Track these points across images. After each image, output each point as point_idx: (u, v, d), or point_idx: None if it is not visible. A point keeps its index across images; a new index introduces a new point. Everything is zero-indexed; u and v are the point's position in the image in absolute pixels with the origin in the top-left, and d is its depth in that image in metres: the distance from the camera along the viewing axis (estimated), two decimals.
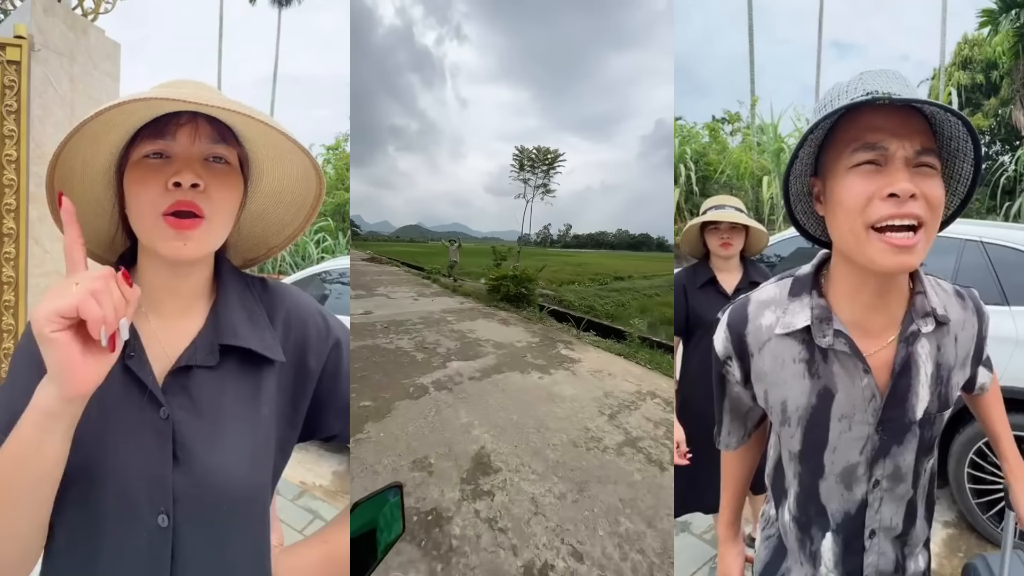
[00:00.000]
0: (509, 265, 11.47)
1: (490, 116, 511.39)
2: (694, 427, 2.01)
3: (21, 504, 0.61)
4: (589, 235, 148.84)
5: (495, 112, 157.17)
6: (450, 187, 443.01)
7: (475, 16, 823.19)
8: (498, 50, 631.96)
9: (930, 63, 41.43)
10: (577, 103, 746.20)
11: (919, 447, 0.85)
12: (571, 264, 25.41)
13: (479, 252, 19.81)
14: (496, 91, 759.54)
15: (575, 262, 28.17)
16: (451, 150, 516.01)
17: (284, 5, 29.02)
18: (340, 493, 3.46)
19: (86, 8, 3.50)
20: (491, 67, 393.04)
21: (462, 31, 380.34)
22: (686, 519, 2.84)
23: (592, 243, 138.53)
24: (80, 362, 0.57)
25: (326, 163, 19.24)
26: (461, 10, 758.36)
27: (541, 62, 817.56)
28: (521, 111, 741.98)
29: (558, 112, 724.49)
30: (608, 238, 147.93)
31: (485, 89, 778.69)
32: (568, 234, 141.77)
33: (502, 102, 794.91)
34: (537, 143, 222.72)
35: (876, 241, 0.72)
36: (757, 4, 25.36)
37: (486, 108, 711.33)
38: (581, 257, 38.74)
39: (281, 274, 11.23)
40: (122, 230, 0.77)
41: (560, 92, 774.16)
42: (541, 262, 14.14)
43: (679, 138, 15.60)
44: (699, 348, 2.16)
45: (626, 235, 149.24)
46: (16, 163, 3.01)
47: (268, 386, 0.75)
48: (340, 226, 15.89)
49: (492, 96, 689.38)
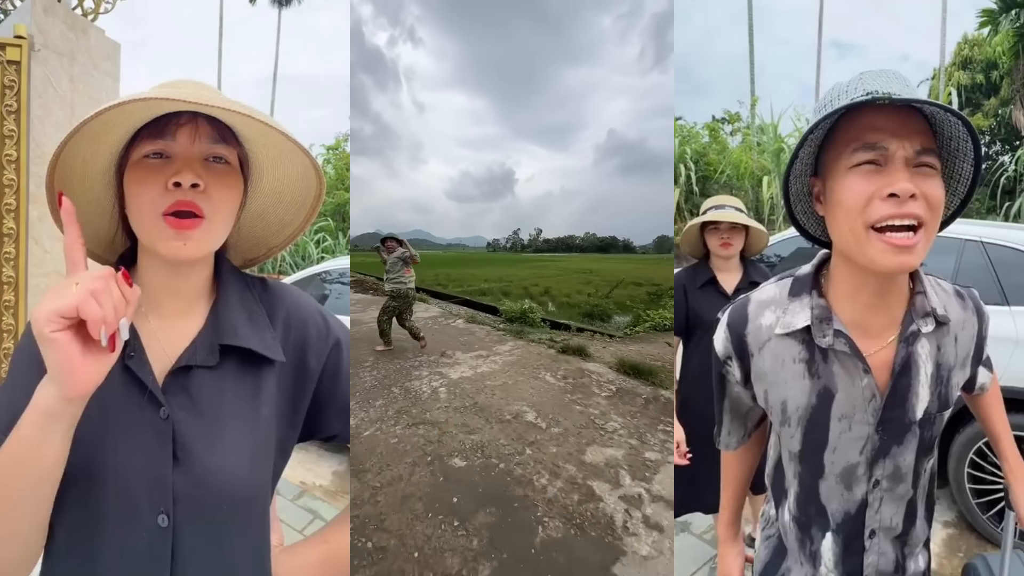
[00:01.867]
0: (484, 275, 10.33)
1: (449, 122, 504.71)
2: (694, 427, 2.01)
3: (21, 504, 0.61)
4: (559, 239, 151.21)
5: (454, 118, 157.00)
6: (410, 193, 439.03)
7: (428, 20, 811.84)
8: (453, 56, 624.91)
9: (930, 63, 41.47)
10: (533, 113, 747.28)
11: (919, 447, 0.85)
12: (570, 271, 22.25)
13: (444, 261, 18.42)
14: (454, 97, 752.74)
15: (573, 267, 25.90)
16: (410, 155, 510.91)
17: (284, 5, 29.02)
18: (340, 493, 3.46)
19: (86, 8, 3.50)
20: (447, 73, 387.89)
21: (416, 34, 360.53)
22: (686, 519, 2.84)
23: (563, 246, 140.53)
24: (80, 362, 0.57)
25: (326, 163, 19.23)
26: (414, 12, 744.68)
27: (496, 72, 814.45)
28: (479, 118, 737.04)
29: (515, 121, 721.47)
30: (577, 241, 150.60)
31: (442, 95, 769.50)
32: (539, 238, 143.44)
33: (460, 108, 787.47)
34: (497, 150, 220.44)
35: (876, 241, 0.72)
36: (757, 4, 25.38)
37: (444, 114, 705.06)
38: (568, 262, 36.23)
39: (281, 274, 11.23)
40: (122, 230, 0.77)
41: (516, 102, 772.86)
42: (527, 270, 13.27)
43: (679, 138, 15.59)
44: (699, 348, 2.16)
45: (594, 238, 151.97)
46: (16, 163, 3.01)
47: (268, 386, 0.75)
48: (340, 226, 15.88)
49: (450, 102, 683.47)
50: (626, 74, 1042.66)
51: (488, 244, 54.50)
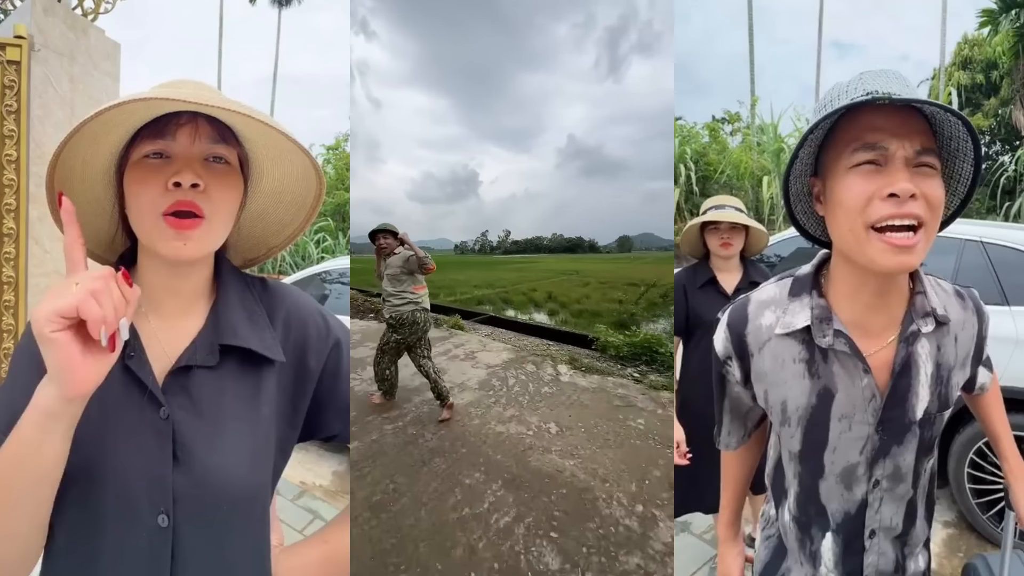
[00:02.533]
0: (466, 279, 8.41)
1: (408, 121, 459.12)
2: (694, 427, 2.01)
3: (21, 504, 0.61)
4: (527, 240, 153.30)
5: (414, 117, 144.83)
6: (369, 194, 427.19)
7: (381, 13, 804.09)
8: (411, 54, 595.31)
9: (930, 63, 41.48)
10: (494, 115, 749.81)
11: (919, 447, 0.85)
12: (555, 272, 20.69)
13: None
14: (412, 96, 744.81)
15: (556, 269, 24.43)
16: (367, 154, 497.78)
17: (284, 5, 29.02)
18: (340, 493, 3.46)
19: (86, 8, 3.50)
20: (405, 71, 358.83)
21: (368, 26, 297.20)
22: (686, 519, 2.84)
23: (532, 248, 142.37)
24: (80, 362, 0.57)
25: (326, 163, 19.24)
26: (365, 3, 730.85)
27: (457, 72, 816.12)
28: (441, 119, 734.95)
29: (477, 122, 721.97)
30: (545, 242, 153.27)
31: (400, 93, 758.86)
32: (508, 240, 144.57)
33: (420, 107, 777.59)
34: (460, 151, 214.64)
35: (876, 241, 0.72)
36: (757, 4, 25.37)
37: (403, 113, 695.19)
38: (547, 263, 34.35)
39: (281, 274, 11.22)
40: (122, 230, 0.76)
41: (477, 104, 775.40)
42: (508, 272, 12.43)
43: (679, 138, 15.59)
44: (699, 348, 2.16)
45: (561, 238, 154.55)
46: (16, 163, 3.01)
47: (268, 386, 0.75)
48: (340, 226, 15.88)
49: (409, 101, 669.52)
50: (582, 82, 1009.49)
51: (456, 247, 53.95)
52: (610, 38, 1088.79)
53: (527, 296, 11.43)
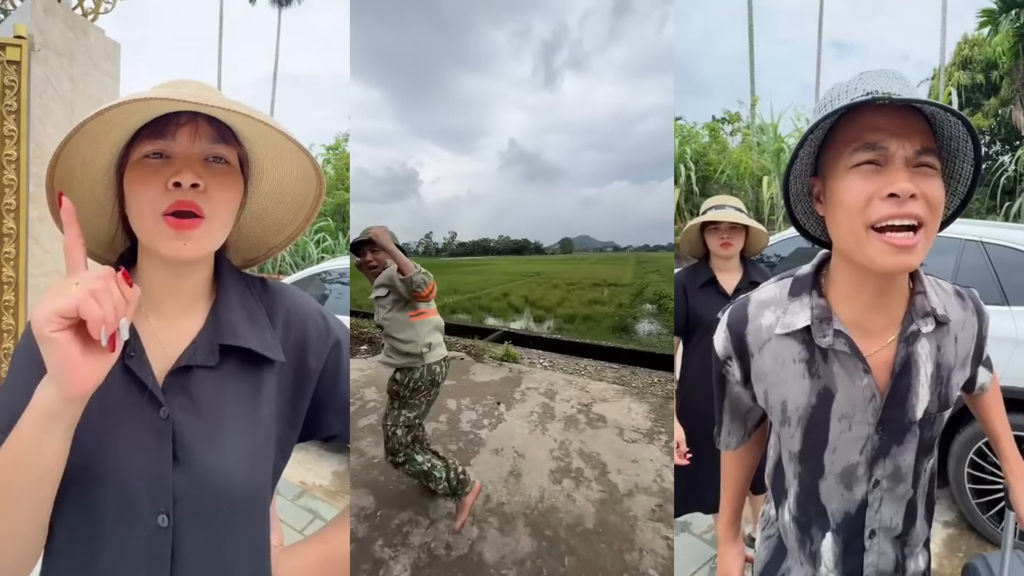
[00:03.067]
0: None
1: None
2: (694, 427, 2.01)
3: (21, 504, 0.61)
4: (474, 242, 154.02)
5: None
6: None
7: None
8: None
9: (930, 63, 41.50)
10: (434, 114, 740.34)
11: (919, 447, 0.85)
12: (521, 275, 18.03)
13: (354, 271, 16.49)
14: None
15: (521, 271, 22.71)
16: None
17: (284, 5, 29.02)
18: (340, 493, 3.46)
19: (86, 8, 3.50)
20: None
21: None
22: (686, 519, 2.84)
23: (479, 249, 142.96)
24: (80, 362, 0.57)
25: (326, 163, 19.24)
26: None
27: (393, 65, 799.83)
28: (373, 112, 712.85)
29: (415, 119, 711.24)
30: (492, 244, 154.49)
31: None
32: (454, 242, 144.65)
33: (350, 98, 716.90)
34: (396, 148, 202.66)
35: (876, 241, 0.72)
36: (757, 4, 25.36)
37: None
38: (505, 265, 32.04)
39: (281, 274, 11.22)
40: (122, 230, 0.77)
41: (414, 100, 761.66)
42: (468, 276, 11.40)
43: (679, 138, 15.59)
44: (699, 348, 2.16)
45: (508, 240, 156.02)
46: (16, 163, 3.01)
47: (268, 386, 0.75)
48: (340, 226, 15.88)
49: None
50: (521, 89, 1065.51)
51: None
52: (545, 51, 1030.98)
53: (504, 301, 10.86)
